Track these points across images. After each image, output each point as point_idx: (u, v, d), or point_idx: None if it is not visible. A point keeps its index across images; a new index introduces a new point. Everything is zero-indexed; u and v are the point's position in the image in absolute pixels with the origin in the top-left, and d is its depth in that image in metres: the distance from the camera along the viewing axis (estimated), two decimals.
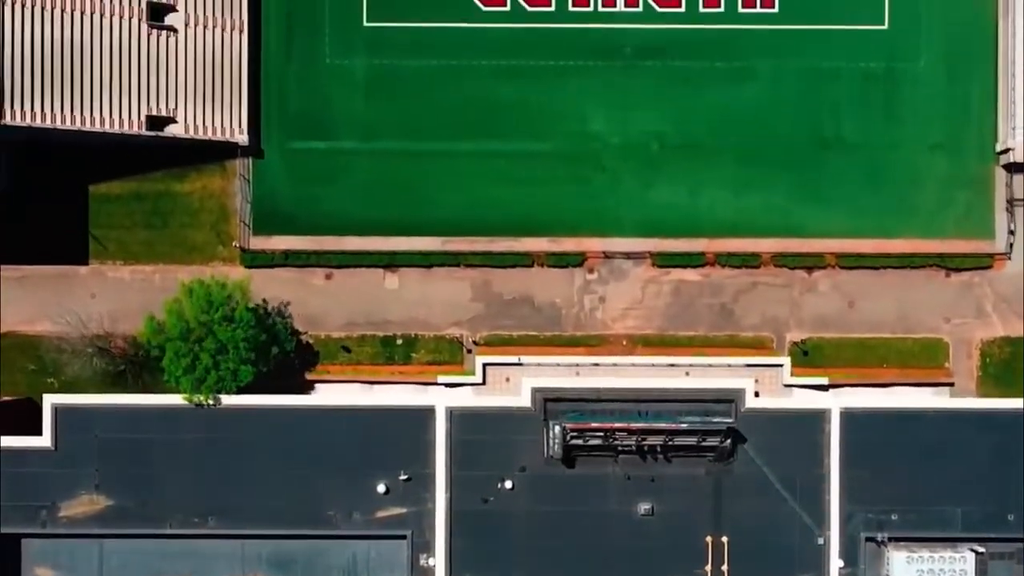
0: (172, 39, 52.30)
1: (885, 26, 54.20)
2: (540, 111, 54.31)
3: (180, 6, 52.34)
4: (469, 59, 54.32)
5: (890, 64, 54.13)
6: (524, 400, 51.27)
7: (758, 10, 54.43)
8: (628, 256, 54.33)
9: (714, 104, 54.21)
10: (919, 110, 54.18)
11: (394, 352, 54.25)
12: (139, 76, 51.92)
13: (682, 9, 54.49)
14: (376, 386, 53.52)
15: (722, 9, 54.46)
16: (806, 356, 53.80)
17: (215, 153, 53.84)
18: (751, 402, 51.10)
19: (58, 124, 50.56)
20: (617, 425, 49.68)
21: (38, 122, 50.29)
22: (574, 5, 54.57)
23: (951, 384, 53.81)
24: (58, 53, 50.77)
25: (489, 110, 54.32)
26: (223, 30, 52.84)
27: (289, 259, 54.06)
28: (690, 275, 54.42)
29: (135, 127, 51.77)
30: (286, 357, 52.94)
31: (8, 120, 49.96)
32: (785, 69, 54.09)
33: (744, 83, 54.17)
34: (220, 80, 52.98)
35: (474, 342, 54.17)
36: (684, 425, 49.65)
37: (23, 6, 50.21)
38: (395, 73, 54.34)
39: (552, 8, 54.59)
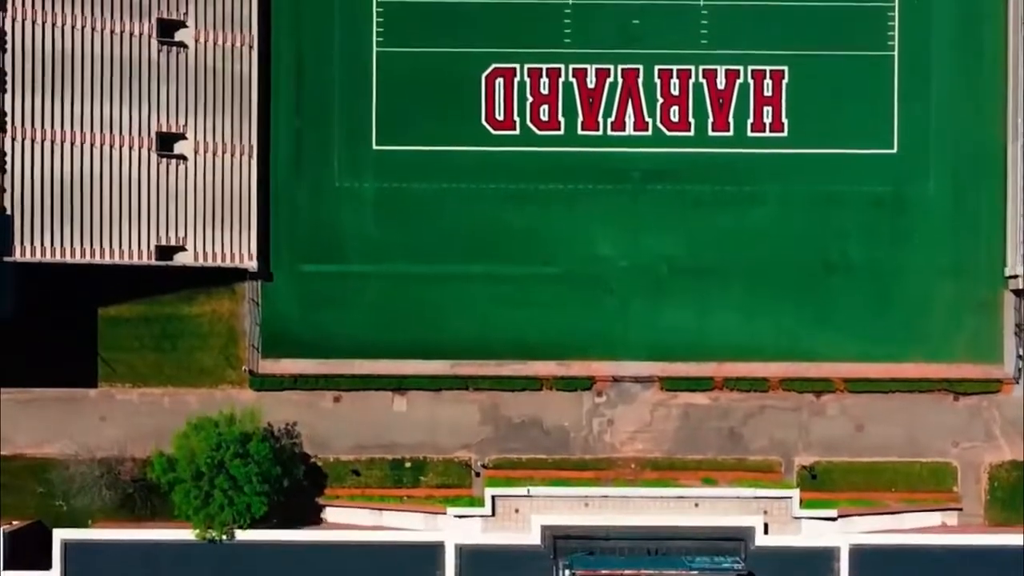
0: (181, 167, 52.27)
1: (894, 150, 54.20)
2: (549, 234, 54.37)
3: (189, 133, 52.32)
4: (478, 183, 54.37)
5: (899, 188, 54.13)
6: (533, 537, 51.30)
7: (767, 134, 54.45)
8: (637, 380, 54.38)
9: (723, 227, 54.25)
10: (928, 234, 54.18)
11: (403, 475, 54.32)
12: (148, 206, 51.89)
13: (691, 133, 54.49)
14: (385, 512, 53.70)
15: (731, 133, 54.46)
16: (815, 480, 53.89)
17: (224, 276, 53.89)
18: (761, 540, 51.19)
19: (67, 258, 50.60)
20: (627, 573, 49.76)
21: (48, 257, 50.32)
22: (583, 129, 54.62)
23: (959, 509, 54.09)
24: (67, 187, 50.77)
25: (498, 233, 54.38)
26: (232, 155, 52.80)
27: (298, 383, 54.10)
28: (699, 399, 54.50)
29: (144, 257, 51.77)
30: (296, 483, 53.22)
31: (18, 256, 49.97)
32: (794, 193, 54.14)
33: (753, 207, 54.20)
34: (229, 206, 52.96)
35: (483, 465, 54.28)
36: (695, 573, 49.75)
37: (32, 141, 50.20)
38: (404, 196, 54.38)
39: (561, 132, 54.61)
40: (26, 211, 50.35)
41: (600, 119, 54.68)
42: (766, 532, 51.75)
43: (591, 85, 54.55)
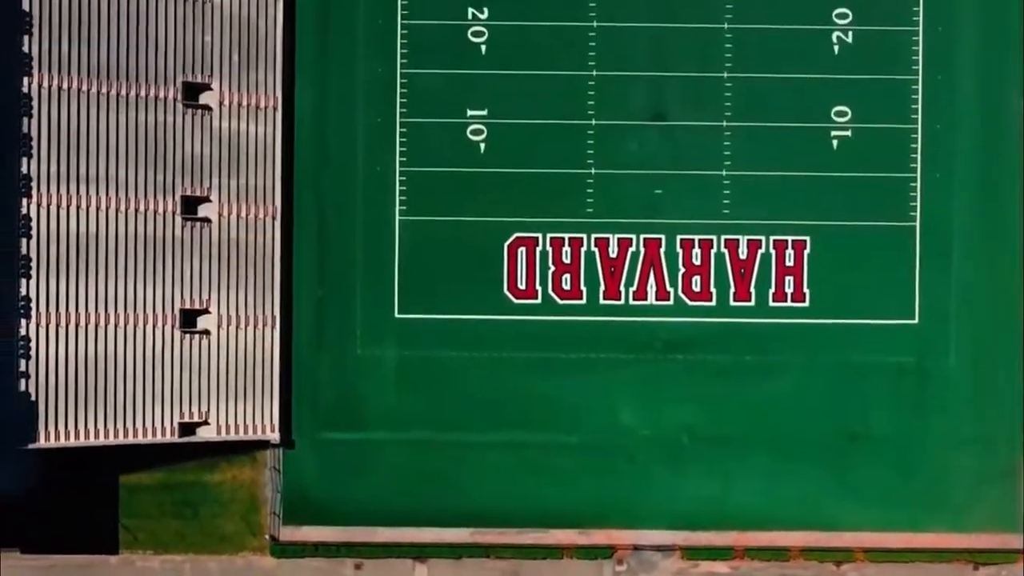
0: (204, 342, 52.33)
1: (915, 320, 54.48)
2: (571, 403, 54.42)
3: (212, 307, 52.37)
4: (500, 351, 54.41)
5: (920, 359, 54.35)
6: None
7: (789, 304, 54.56)
8: (658, 549, 54.51)
9: (744, 397, 54.33)
10: (948, 404, 54.26)
11: None
12: (171, 383, 51.89)
13: (713, 303, 54.59)
14: None
15: (753, 303, 54.57)
16: None
17: (246, 444, 53.84)
18: None
19: (92, 440, 50.63)
20: None
21: (72, 440, 50.34)
22: (605, 298, 54.71)
23: None
24: (91, 369, 50.76)
25: (520, 401, 54.41)
26: (255, 327, 52.84)
27: (320, 550, 54.15)
28: (720, 567, 54.60)
29: (168, 434, 51.84)
30: None
31: (42, 442, 50.00)
32: (816, 362, 54.16)
33: (775, 376, 54.27)
34: (252, 378, 52.96)
35: None
36: None
37: (56, 325, 50.19)
38: (426, 364, 54.41)
39: (583, 301, 54.68)
40: (51, 396, 50.37)
41: (622, 288, 54.80)
42: None
43: (613, 254, 54.70)
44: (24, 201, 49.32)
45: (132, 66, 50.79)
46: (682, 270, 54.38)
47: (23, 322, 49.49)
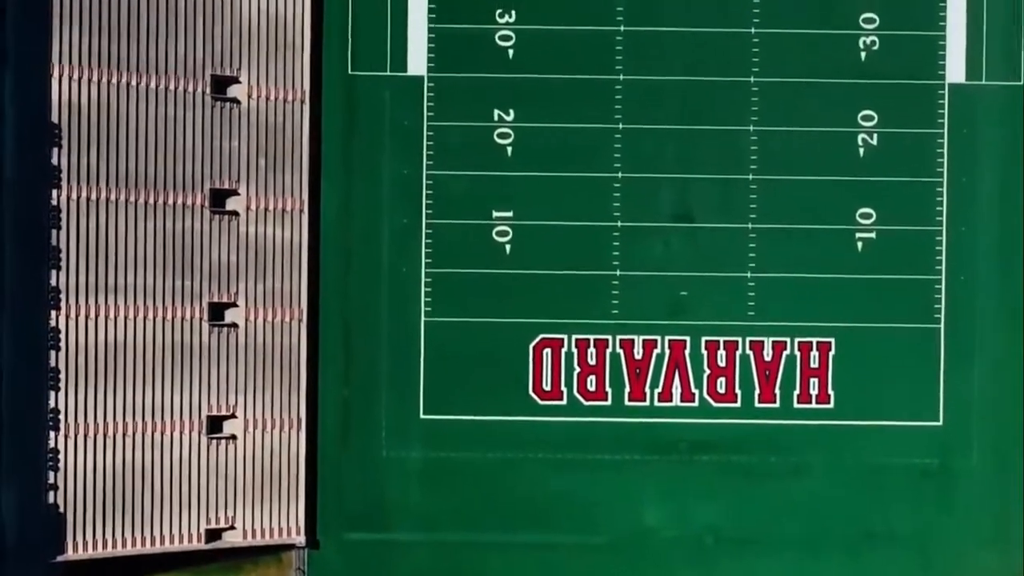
0: (231, 447, 52.29)
1: (940, 423, 54.65)
2: (595, 504, 54.39)
3: (239, 411, 52.33)
4: (525, 452, 54.44)
5: (944, 460, 54.54)
6: None
7: (813, 405, 54.66)
8: None
9: (769, 498, 54.38)
10: (971, 505, 54.45)
11: None
12: (198, 489, 51.76)
13: (738, 404, 54.67)
14: None
15: (777, 404, 54.65)
16: None
17: (271, 545, 53.95)
18: None
19: (119, 550, 50.54)
20: None
21: (99, 551, 50.24)
22: (630, 399, 54.76)
23: None
24: (119, 478, 50.66)
25: (545, 502, 54.37)
26: (280, 430, 52.78)
27: None
28: None
29: (194, 541, 51.78)
30: None
31: (71, 554, 49.90)
32: (840, 464, 54.26)
33: (799, 478, 54.34)
34: (277, 481, 52.90)
35: None
36: None
37: (85, 436, 50.13)
38: (451, 465, 54.39)
39: (608, 402, 54.73)
40: (79, 507, 50.29)
41: (647, 390, 54.85)
42: None
43: (638, 356, 54.77)
44: (53, 314, 49.29)
45: (160, 174, 50.72)
46: (707, 372, 54.48)
47: (51, 434, 49.43)
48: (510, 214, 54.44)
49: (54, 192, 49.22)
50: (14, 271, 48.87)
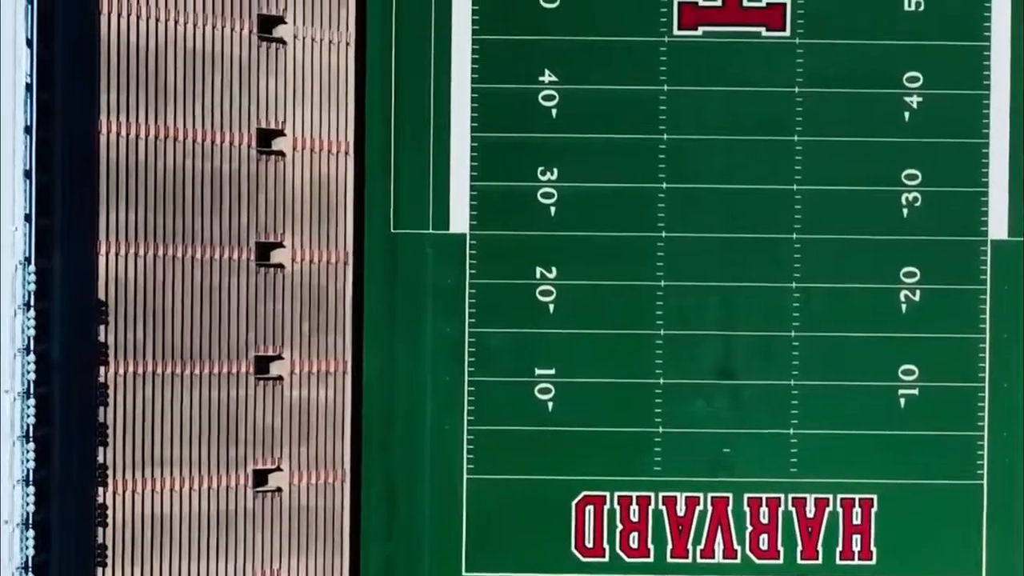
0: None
1: None
2: None
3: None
4: None
5: None
6: None
7: (856, 562, 54.58)
8: None
9: None
10: None
11: None
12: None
13: (780, 561, 54.57)
14: None
15: (820, 561, 54.50)
16: None
17: None
18: None
19: None
20: None
21: None
22: (672, 556, 54.69)
23: None
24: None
25: None
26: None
27: None
28: None
29: None
30: None
31: None
32: None
33: None
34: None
35: None
36: None
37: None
38: None
39: (651, 559, 54.61)
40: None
41: (690, 546, 54.82)
42: None
43: (681, 513, 54.78)
44: (100, 490, 49.27)
45: (205, 344, 50.75)
46: (749, 528, 54.45)
47: None
48: (552, 372, 54.40)
49: (101, 370, 49.28)
50: (62, 451, 48.98)
